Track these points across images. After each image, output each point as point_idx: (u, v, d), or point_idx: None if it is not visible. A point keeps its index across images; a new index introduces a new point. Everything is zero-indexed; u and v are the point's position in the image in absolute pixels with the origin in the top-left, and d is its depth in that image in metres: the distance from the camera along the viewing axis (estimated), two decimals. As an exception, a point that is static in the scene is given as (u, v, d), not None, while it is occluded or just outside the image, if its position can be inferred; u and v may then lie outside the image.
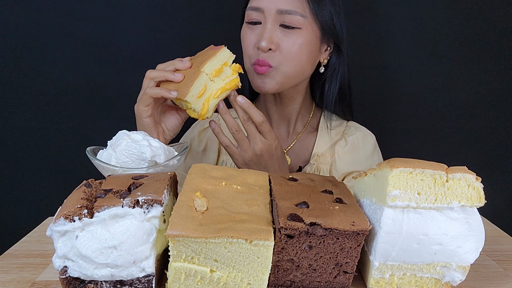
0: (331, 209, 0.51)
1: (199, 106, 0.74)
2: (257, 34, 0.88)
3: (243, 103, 0.77)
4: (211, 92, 0.75)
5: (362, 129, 1.05)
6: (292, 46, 0.86)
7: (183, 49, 1.21)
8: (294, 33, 0.86)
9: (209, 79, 0.75)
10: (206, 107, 0.75)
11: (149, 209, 0.49)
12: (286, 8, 0.84)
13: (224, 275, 0.49)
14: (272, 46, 0.85)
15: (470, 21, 1.20)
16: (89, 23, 1.18)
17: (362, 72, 1.20)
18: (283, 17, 0.85)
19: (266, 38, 0.85)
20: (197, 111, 0.75)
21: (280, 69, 0.87)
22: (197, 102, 0.74)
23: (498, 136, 1.29)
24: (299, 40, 0.86)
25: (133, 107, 1.10)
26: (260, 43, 0.85)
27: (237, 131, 0.78)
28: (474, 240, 0.52)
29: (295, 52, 0.86)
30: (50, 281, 0.56)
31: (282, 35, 0.86)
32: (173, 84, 0.75)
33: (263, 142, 0.79)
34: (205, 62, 0.74)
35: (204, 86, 0.74)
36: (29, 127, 1.24)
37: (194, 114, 0.76)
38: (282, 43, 0.86)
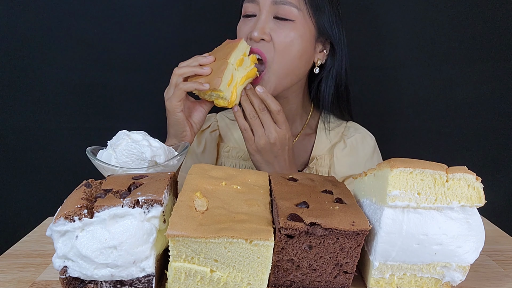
0: (331, 209, 0.51)
1: (229, 94, 0.80)
2: (250, 25, 0.89)
3: (261, 92, 0.81)
4: (237, 80, 0.81)
5: (361, 130, 1.04)
6: (284, 38, 0.86)
7: (183, 49, 1.21)
8: (287, 25, 0.86)
9: (234, 69, 0.81)
10: (235, 94, 0.81)
11: (149, 209, 0.49)
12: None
13: (224, 275, 0.49)
14: (264, 36, 0.86)
15: (470, 21, 1.20)
16: (89, 23, 1.18)
17: (362, 72, 1.20)
18: (277, 8, 0.85)
19: (259, 28, 0.85)
20: (227, 99, 0.81)
21: (273, 67, 0.87)
22: (227, 90, 0.80)
23: (498, 136, 1.29)
24: (292, 33, 0.86)
25: (133, 107, 1.10)
26: (253, 33, 0.86)
27: (254, 117, 0.82)
28: (474, 240, 0.52)
29: (286, 44, 0.86)
30: (50, 281, 0.56)
31: (275, 26, 0.86)
32: (202, 77, 0.80)
33: (277, 131, 0.82)
34: (230, 54, 0.80)
35: (231, 75, 0.80)
36: (29, 127, 1.24)
37: (224, 103, 0.82)
38: (275, 34, 0.86)
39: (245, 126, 0.84)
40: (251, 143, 0.84)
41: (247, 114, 0.83)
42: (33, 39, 1.17)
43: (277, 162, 0.85)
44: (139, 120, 1.25)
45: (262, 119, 0.82)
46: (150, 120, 1.24)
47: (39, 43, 1.18)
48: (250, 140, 0.84)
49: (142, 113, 1.25)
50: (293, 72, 0.90)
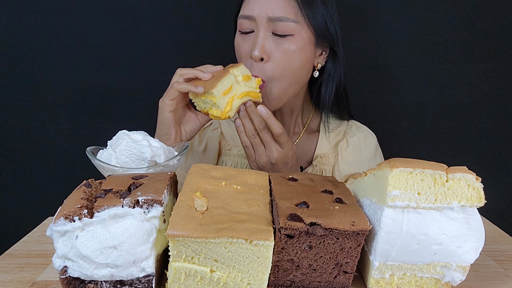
0: (331, 209, 0.51)
1: (223, 104, 0.76)
2: (250, 42, 0.87)
3: (264, 113, 0.78)
4: (235, 93, 0.77)
5: (363, 129, 1.04)
6: (284, 54, 0.84)
7: (183, 49, 1.22)
8: (287, 40, 0.84)
9: (236, 81, 0.78)
10: (230, 105, 0.77)
11: (149, 209, 0.49)
12: (277, 15, 0.82)
13: (224, 275, 0.49)
14: (264, 55, 0.84)
15: (470, 21, 1.20)
16: (89, 23, 1.18)
17: (362, 72, 1.20)
18: (274, 25, 0.83)
19: (259, 47, 0.83)
20: (220, 108, 0.76)
21: (274, 82, 0.86)
22: (222, 99, 0.76)
23: (498, 136, 1.29)
24: (292, 47, 0.84)
25: (133, 107, 1.10)
26: (253, 52, 0.84)
27: (253, 135, 0.80)
28: (474, 240, 0.52)
29: (287, 60, 0.85)
30: (50, 281, 0.56)
31: (274, 44, 0.84)
32: (201, 81, 0.78)
33: (279, 152, 0.80)
34: (236, 66, 0.79)
35: (230, 85, 0.77)
36: (29, 127, 1.24)
37: (217, 113, 0.77)
38: (275, 52, 0.84)
39: (247, 143, 0.82)
40: (252, 159, 0.82)
41: (247, 132, 0.80)
42: (34, 39, 1.17)
43: None
44: (139, 120, 1.25)
45: (262, 138, 0.80)
46: (150, 120, 1.24)
47: (40, 43, 1.18)
48: (251, 157, 0.82)
49: (142, 113, 1.25)
50: (296, 83, 0.90)
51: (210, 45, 1.20)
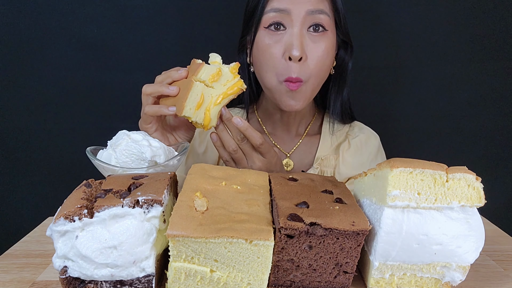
0: (331, 209, 0.51)
1: (200, 117, 0.70)
2: (283, 42, 0.80)
3: (241, 125, 0.70)
4: (210, 100, 0.70)
5: (365, 130, 1.03)
6: (320, 52, 0.80)
7: (183, 49, 1.22)
8: (321, 37, 0.80)
9: (206, 86, 0.69)
10: (208, 117, 0.70)
11: (149, 209, 0.49)
12: (316, 8, 0.78)
13: (224, 275, 0.49)
14: (303, 55, 0.78)
15: (471, 21, 1.20)
16: (89, 23, 1.18)
17: (362, 72, 1.20)
18: (312, 19, 0.78)
19: (298, 45, 0.77)
20: (199, 122, 0.70)
21: (309, 83, 0.82)
22: (197, 114, 0.69)
23: (498, 136, 1.29)
24: (324, 44, 0.81)
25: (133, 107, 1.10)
26: (292, 51, 0.77)
27: (235, 151, 0.73)
28: (474, 240, 0.52)
29: (322, 58, 0.81)
30: (50, 281, 0.56)
31: (310, 41, 0.80)
32: (171, 98, 0.71)
33: (261, 161, 0.75)
34: (198, 70, 0.69)
35: (201, 95, 0.69)
36: (29, 127, 1.24)
37: (199, 126, 0.72)
38: (311, 50, 0.80)
39: (227, 157, 0.76)
40: None
41: (227, 147, 0.74)
42: (33, 39, 1.17)
43: None
44: (139, 120, 1.25)
45: (243, 149, 0.74)
46: (150, 120, 1.24)
47: (39, 43, 1.18)
48: None
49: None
50: (322, 82, 0.88)
51: (210, 45, 1.20)
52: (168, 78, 0.73)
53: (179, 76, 0.72)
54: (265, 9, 0.81)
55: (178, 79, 0.72)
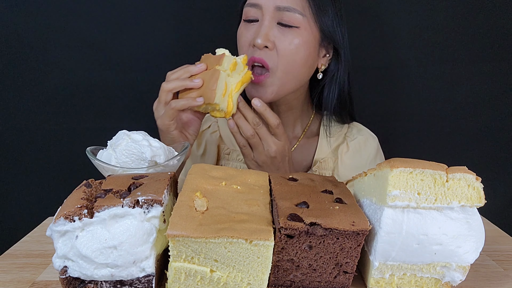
0: (331, 209, 0.51)
1: (225, 105, 0.75)
2: (253, 31, 0.86)
3: (259, 106, 0.77)
4: (231, 88, 0.75)
5: (364, 132, 1.02)
6: (288, 45, 0.83)
7: (183, 49, 1.22)
8: (291, 32, 0.83)
9: (228, 75, 0.75)
10: (231, 104, 0.76)
11: (149, 209, 0.49)
12: (285, 5, 0.82)
13: (224, 275, 0.49)
14: (268, 43, 0.82)
15: (471, 21, 1.20)
16: (89, 23, 1.18)
17: (362, 72, 1.20)
18: (281, 14, 0.82)
19: (262, 35, 0.82)
20: (224, 110, 0.75)
21: (276, 74, 0.84)
22: (223, 101, 0.74)
23: (498, 136, 1.29)
24: (296, 39, 0.83)
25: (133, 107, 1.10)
26: (256, 40, 0.82)
27: (252, 136, 0.78)
28: (474, 240, 0.52)
29: (291, 51, 0.83)
30: (50, 281, 0.56)
31: (279, 33, 0.83)
32: (194, 90, 0.75)
33: (277, 144, 0.79)
34: (221, 61, 0.74)
35: (225, 83, 0.74)
36: (29, 127, 1.24)
37: (221, 114, 0.76)
38: (279, 42, 0.83)
39: (244, 143, 0.80)
40: (250, 159, 0.81)
41: (244, 133, 0.78)
42: (34, 39, 1.17)
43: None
44: (139, 120, 1.25)
45: (259, 133, 0.78)
46: (150, 120, 1.24)
47: (39, 43, 1.18)
48: (249, 156, 0.81)
49: (142, 113, 1.25)
50: (297, 78, 0.88)
51: (210, 45, 1.20)
52: (186, 73, 0.77)
53: (199, 70, 0.76)
54: (245, 3, 0.88)
55: (198, 73, 0.76)
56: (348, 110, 1.00)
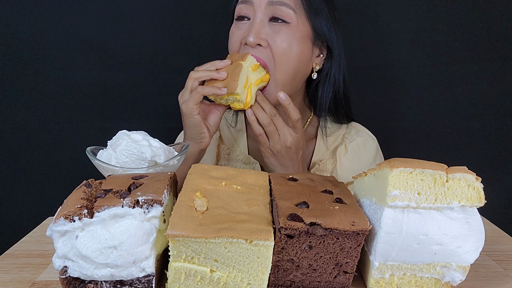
0: (331, 209, 0.51)
1: (244, 96, 0.80)
2: (244, 30, 0.85)
3: (284, 99, 0.79)
4: (251, 82, 0.80)
5: (362, 133, 1.01)
6: (281, 43, 0.83)
7: (183, 49, 1.22)
8: (283, 29, 0.83)
9: (249, 71, 0.80)
10: (250, 96, 0.81)
11: (149, 209, 0.49)
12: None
13: (224, 275, 0.49)
14: (261, 41, 0.82)
15: (470, 21, 1.20)
16: (90, 24, 1.18)
17: (362, 72, 1.20)
18: (273, 9, 0.82)
19: (254, 32, 0.82)
20: (243, 101, 0.80)
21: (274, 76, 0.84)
22: (243, 93, 0.80)
23: (498, 136, 1.29)
24: (288, 36, 0.83)
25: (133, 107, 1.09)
26: (248, 38, 0.82)
27: (269, 124, 0.81)
28: (474, 240, 0.52)
29: (284, 49, 0.83)
30: (50, 281, 0.56)
31: (271, 30, 0.83)
32: (219, 81, 0.80)
33: (293, 136, 0.81)
34: (245, 57, 0.80)
35: (246, 77, 0.79)
36: (29, 127, 1.24)
37: (240, 106, 0.81)
38: (271, 39, 0.83)
39: (260, 131, 0.82)
40: (266, 147, 0.83)
41: (261, 121, 0.81)
42: (34, 39, 1.17)
43: (291, 165, 0.84)
44: (139, 120, 1.25)
45: (276, 123, 0.81)
46: (150, 120, 1.24)
47: (40, 43, 1.18)
48: (265, 144, 0.83)
49: (142, 113, 1.25)
50: (294, 78, 0.88)
51: (210, 45, 1.20)
52: (212, 66, 0.81)
53: (225, 64, 0.81)
54: (237, 1, 0.88)
55: (223, 67, 0.81)
56: (344, 111, 0.99)
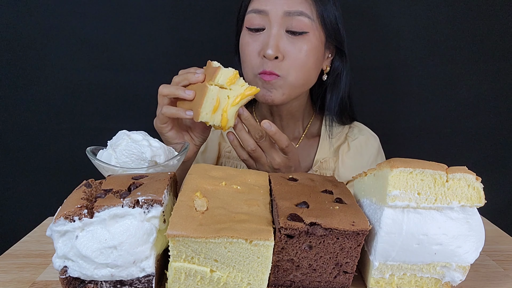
0: (331, 209, 0.51)
1: (218, 120, 0.71)
2: (261, 41, 0.82)
3: (270, 128, 0.71)
4: (227, 101, 0.71)
5: (365, 131, 1.02)
6: (299, 54, 0.81)
7: (183, 49, 1.22)
8: (301, 39, 0.80)
9: (221, 89, 0.70)
10: (225, 118, 0.71)
11: (149, 209, 0.49)
12: (294, 9, 0.79)
13: (224, 275, 0.49)
14: (278, 54, 0.80)
15: (471, 21, 1.20)
16: (89, 23, 1.18)
17: (362, 72, 1.20)
18: (290, 20, 0.79)
19: (273, 45, 0.78)
20: (217, 124, 0.72)
21: (288, 79, 0.83)
22: (214, 117, 0.71)
23: (498, 136, 1.29)
24: (305, 46, 0.81)
25: (133, 107, 1.09)
26: (266, 51, 0.79)
27: (253, 150, 0.74)
28: (474, 240, 0.52)
29: (302, 60, 0.81)
30: (50, 281, 0.56)
31: (288, 42, 0.81)
32: (188, 102, 0.73)
33: (281, 158, 0.75)
34: (215, 75, 0.70)
35: (216, 98, 0.70)
36: (29, 127, 1.24)
37: (217, 127, 0.73)
38: (289, 51, 0.80)
39: (245, 156, 0.76)
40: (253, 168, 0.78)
41: (245, 146, 0.74)
42: (33, 39, 1.17)
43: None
44: (139, 120, 1.25)
45: (263, 147, 0.74)
46: (150, 120, 1.24)
47: (39, 43, 1.18)
48: (252, 167, 0.78)
49: (142, 113, 1.25)
50: (306, 83, 0.88)
51: (210, 45, 1.20)
52: (185, 80, 0.73)
53: (196, 80, 0.72)
54: (247, 9, 0.84)
55: (195, 82, 0.72)
56: (348, 112, 1.00)
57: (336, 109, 0.96)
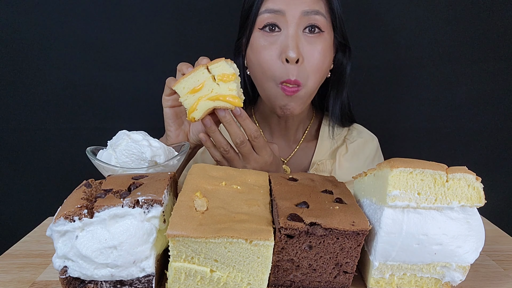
0: (331, 209, 0.51)
1: (189, 102, 0.68)
2: (278, 43, 0.78)
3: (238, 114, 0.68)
4: (208, 92, 0.67)
5: (364, 134, 1.02)
6: (316, 54, 0.78)
7: (183, 49, 1.22)
8: (319, 40, 0.78)
9: (212, 79, 0.67)
10: (195, 106, 0.68)
11: (149, 209, 0.49)
12: (311, 8, 0.76)
13: (224, 275, 0.49)
14: (300, 56, 0.77)
15: (471, 21, 1.20)
16: (89, 23, 1.18)
17: (362, 72, 1.20)
18: (307, 20, 0.77)
19: (294, 47, 0.75)
20: (186, 106, 0.68)
21: (307, 86, 0.80)
22: (187, 97, 0.67)
23: (498, 136, 1.29)
24: (321, 46, 0.79)
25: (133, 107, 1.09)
26: (288, 53, 0.75)
27: (226, 151, 0.71)
28: (474, 240, 0.52)
29: (319, 60, 0.79)
30: (50, 281, 0.56)
31: (306, 42, 0.78)
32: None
33: (256, 161, 0.71)
34: (214, 62, 0.67)
35: (202, 83, 0.67)
36: (29, 127, 1.24)
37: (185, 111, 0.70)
38: (307, 52, 0.78)
39: (219, 157, 0.73)
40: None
41: (218, 147, 0.71)
42: (34, 39, 1.17)
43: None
44: (139, 120, 1.25)
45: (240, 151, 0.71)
46: (150, 120, 1.24)
47: (39, 43, 1.18)
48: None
49: (142, 113, 1.25)
50: (319, 85, 0.86)
51: (210, 45, 1.20)
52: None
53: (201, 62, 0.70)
54: (260, 10, 0.80)
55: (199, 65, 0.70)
56: (347, 113, 1.00)
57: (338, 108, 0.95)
